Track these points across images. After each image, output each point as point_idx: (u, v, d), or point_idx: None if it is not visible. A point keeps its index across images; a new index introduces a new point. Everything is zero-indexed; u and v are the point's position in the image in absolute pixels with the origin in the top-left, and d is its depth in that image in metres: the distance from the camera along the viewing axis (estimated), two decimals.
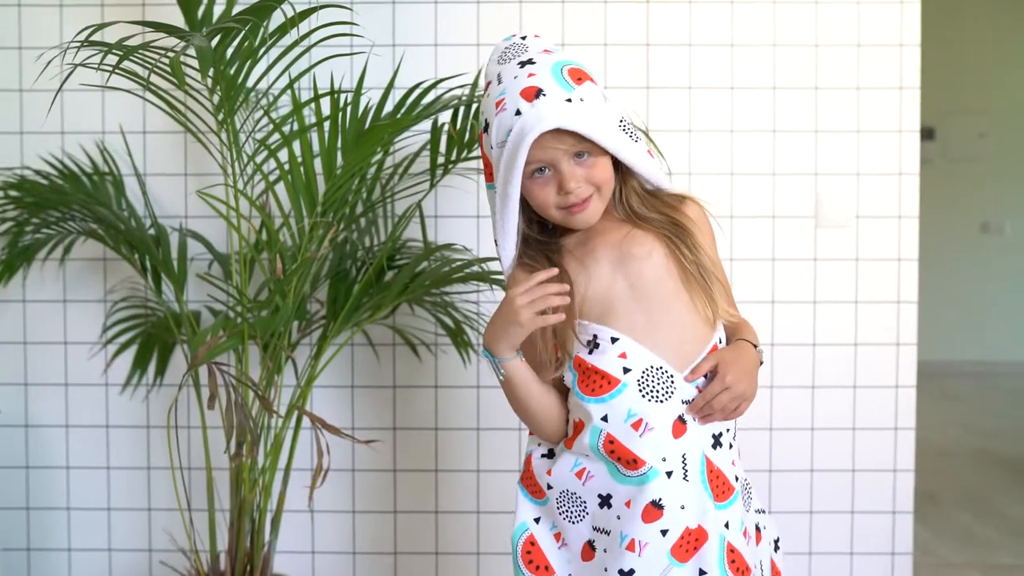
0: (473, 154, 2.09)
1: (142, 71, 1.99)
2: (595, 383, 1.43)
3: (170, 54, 1.62)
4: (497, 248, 1.50)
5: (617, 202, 1.50)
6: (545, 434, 1.52)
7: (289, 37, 1.91)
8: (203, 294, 2.42)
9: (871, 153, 2.47)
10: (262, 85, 2.22)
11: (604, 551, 1.44)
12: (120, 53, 1.59)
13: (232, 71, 1.90)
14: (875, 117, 2.47)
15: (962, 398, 5.74)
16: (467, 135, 2.05)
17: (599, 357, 1.43)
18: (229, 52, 1.84)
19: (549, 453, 1.53)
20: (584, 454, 1.46)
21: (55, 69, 2.21)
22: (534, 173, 1.42)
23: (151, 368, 2.45)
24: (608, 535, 1.44)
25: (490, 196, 1.49)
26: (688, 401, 1.43)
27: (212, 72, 1.85)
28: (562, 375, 1.48)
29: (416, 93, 2.00)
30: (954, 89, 6.24)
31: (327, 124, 1.93)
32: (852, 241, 2.48)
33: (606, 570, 1.43)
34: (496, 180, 1.44)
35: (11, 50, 2.46)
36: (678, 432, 1.42)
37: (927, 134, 6.17)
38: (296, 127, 1.97)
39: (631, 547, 1.41)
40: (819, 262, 2.49)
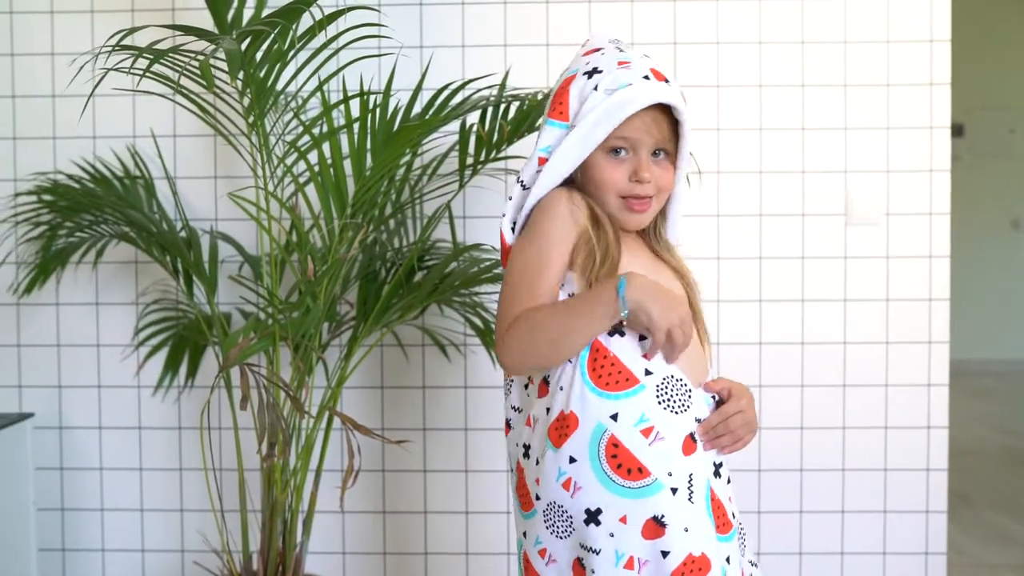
0: (502, 154, 2.10)
1: (173, 75, 2.01)
2: (610, 375, 1.34)
3: (200, 57, 1.63)
4: (519, 183, 1.45)
5: (651, 230, 1.50)
6: (557, 359, 1.38)
7: (318, 39, 1.92)
8: (233, 296, 2.44)
9: (901, 150, 2.45)
10: (291, 87, 2.24)
11: (592, 572, 1.34)
12: (151, 57, 1.60)
13: (262, 74, 1.91)
14: (905, 114, 2.45)
15: (994, 396, 5.68)
16: (495, 135, 2.05)
17: (621, 346, 1.36)
18: (259, 55, 1.85)
19: (526, 451, 1.42)
20: (572, 458, 1.34)
21: (87, 74, 2.24)
22: (612, 151, 1.40)
23: (183, 370, 2.47)
24: (598, 554, 1.33)
25: (546, 132, 1.43)
26: (700, 420, 1.38)
27: (242, 75, 1.87)
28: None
29: (445, 94, 2.01)
30: (983, 85, 6.18)
31: (356, 126, 1.94)
32: (883, 239, 2.46)
33: None
34: (581, 122, 1.38)
35: (44, 56, 2.49)
36: (688, 449, 1.35)
37: (956, 130, 6.12)
38: (325, 129, 1.98)
39: (629, 565, 1.32)
40: (849, 260, 2.47)
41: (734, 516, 1.41)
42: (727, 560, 1.37)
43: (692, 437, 1.36)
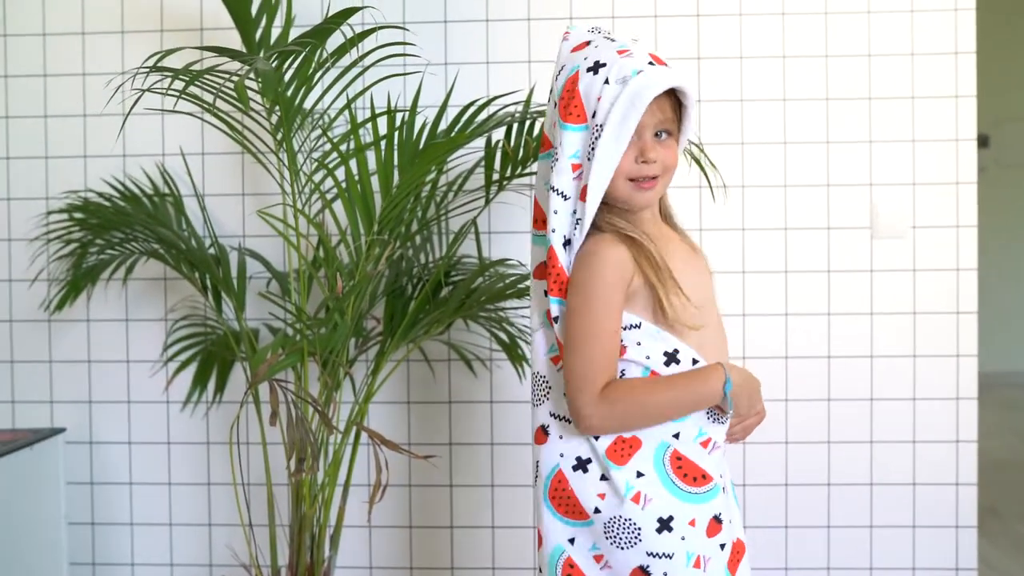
0: (527, 170, 2.11)
1: (204, 94, 2.03)
2: None
3: (234, 78, 1.66)
4: (555, 191, 1.43)
5: (661, 211, 1.55)
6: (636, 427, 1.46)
7: (346, 58, 1.94)
8: (261, 312, 2.46)
9: (927, 162, 2.45)
10: (319, 105, 2.26)
11: (664, 574, 1.41)
12: (186, 78, 1.62)
13: (290, 92, 1.93)
14: (931, 126, 2.44)
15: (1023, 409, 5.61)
16: (521, 151, 2.06)
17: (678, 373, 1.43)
18: (288, 74, 1.88)
19: (580, 465, 1.45)
20: (639, 472, 1.41)
21: (118, 94, 2.27)
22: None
23: (211, 385, 2.49)
24: (671, 559, 1.40)
25: (565, 137, 1.43)
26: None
27: (271, 94, 1.89)
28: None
29: (471, 111, 2.03)
30: (1009, 96, 6.13)
31: (383, 143, 1.96)
32: (909, 252, 2.46)
33: None
34: (608, 120, 1.39)
35: (75, 76, 2.53)
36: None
37: (982, 141, 6.07)
38: (353, 146, 2.00)
39: (697, 564, 1.42)
40: (876, 273, 2.47)
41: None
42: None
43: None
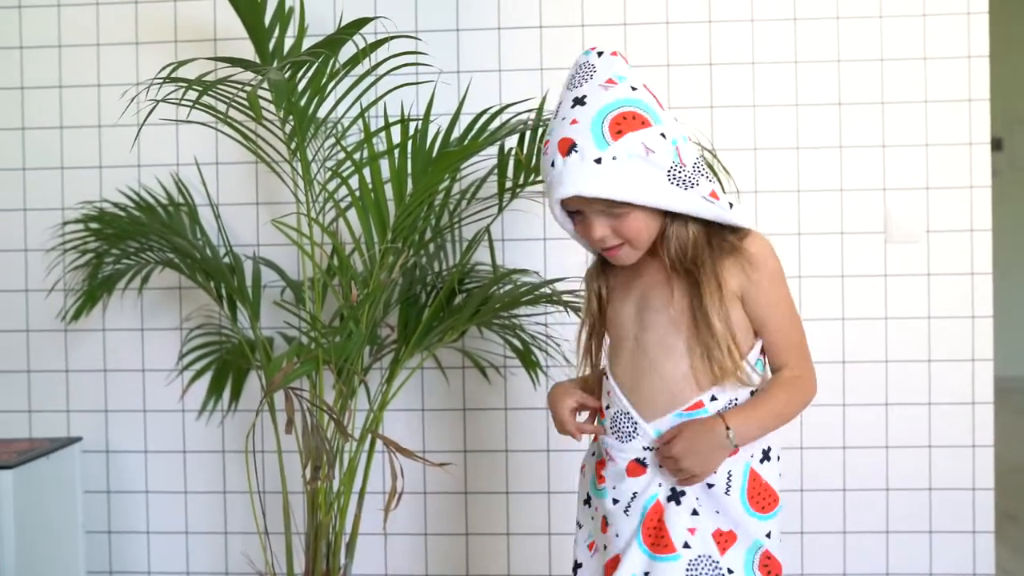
0: (540, 178, 2.11)
1: (218, 104, 2.04)
2: (604, 404, 1.59)
3: (247, 88, 1.67)
4: None
5: (660, 245, 1.47)
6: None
7: (359, 67, 1.95)
8: (275, 320, 2.47)
9: (940, 166, 2.44)
10: (333, 114, 2.27)
11: (575, 541, 1.65)
12: (200, 89, 1.63)
13: (303, 102, 1.94)
14: (944, 130, 2.44)
15: None
16: (534, 159, 2.07)
17: (604, 384, 1.58)
18: (301, 84, 1.89)
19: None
20: (592, 452, 1.63)
21: (133, 104, 2.28)
22: (572, 214, 1.47)
23: (226, 394, 2.50)
24: (581, 528, 1.64)
25: None
26: (648, 448, 1.49)
27: (284, 103, 1.90)
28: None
29: (484, 119, 2.03)
30: (1022, 99, 6.10)
31: (396, 151, 1.97)
32: (923, 256, 2.45)
33: (575, 557, 1.64)
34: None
35: (90, 88, 2.55)
36: (633, 472, 1.50)
37: (995, 144, 6.04)
38: (366, 155, 2.01)
39: (590, 547, 1.60)
40: (890, 278, 2.46)
41: (687, 546, 1.45)
42: (645, 574, 1.47)
43: (640, 461, 1.50)
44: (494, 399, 2.52)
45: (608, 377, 1.55)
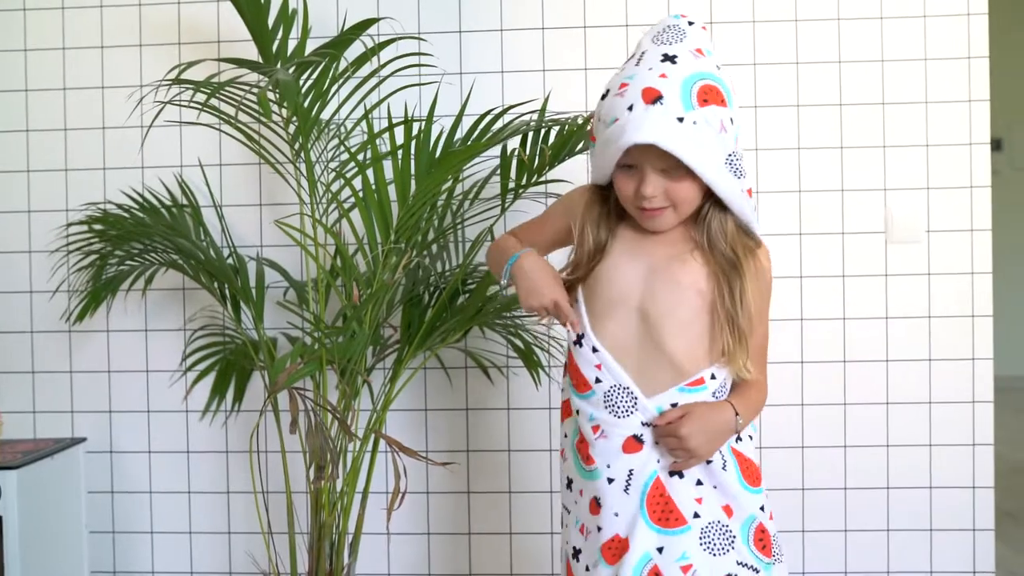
0: (543, 178, 2.12)
1: (222, 106, 2.05)
2: (576, 378, 1.54)
3: (254, 90, 1.68)
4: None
5: (698, 220, 1.51)
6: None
7: (363, 68, 1.96)
8: (278, 321, 2.48)
9: (941, 167, 2.45)
10: (337, 115, 2.28)
11: (564, 527, 1.63)
12: (208, 91, 1.64)
13: (307, 103, 1.95)
14: (944, 130, 2.45)
15: None
16: (536, 160, 2.08)
17: (579, 355, 1.53)
18: (306, 85, 1.89)
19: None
20: (564, 435, 1.60)
21: (136, 106, 2.29)
22: (623, 166, 1.46)
23: (229, 394, 2.51)
24: (569, 513, 1.61)
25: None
26: (647, 424, 1.48)
27: (291, 104, 1.91)
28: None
29: (487, 120, 2.04)
30: (1022, 99, 6.12)
31: (400, 152, 1.98)
32: (923, 256, 2.46)
33: (567, 542, 1.61)
34: (595, 149, 1.50)
35: (94, 90, 2.55)
36: (630, 448, 1.49)
37: (994, 144, 6.06)
38: (370, 155, 2.02)
39: (581, 531, 1.56)
40: (890, 277, 2.47)
41: (697, 516, 1.48)
42: (659, 550, 1.46)
43: (636, 438, 1.49)
44: (496, 399, 2.53)
45: (596, 348, 1.51)
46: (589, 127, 1.54)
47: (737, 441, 1.52)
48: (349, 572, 2.19)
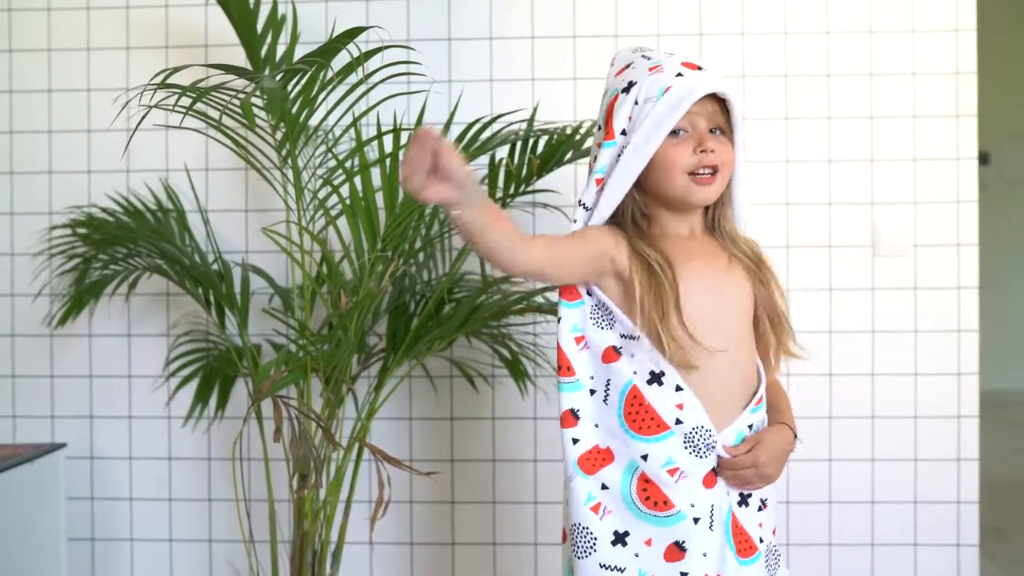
0: (531, 188, 2.11)
1: (209, 111, 2.04)
2: (643, 420, 1.42)
3: (240, 95, 1.66)
4: (581, 205, 1.48)
5: (713, 222, 1.53)
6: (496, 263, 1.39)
7: (352, 76, 1.94)
8: (263, 328, 2.46)
9: (928, 181, 2.46)
10: (325, 122, 2.27)
11: None
12: (193, 96, 1.63)
13: (295, 110, 1.94)
14: (931, 145, 2.45)
15: None
16: (525, 169, 2.07)
17: (657, 395, 1.42)
18: (294, 92, 1.88)
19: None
20: (603, 486, 1.44)
21: (122, 109, 2.28)
22: (672, 133, 1.43)
23: (212, 401, 2.49)
24: (622, 572, 1.42)
25: (600, 154, 1.47)
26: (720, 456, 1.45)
27: (277, 111, 1.90)
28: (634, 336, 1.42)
29: (475, 129, 2.03)
30: (1009, 113, 6.15)
31: (388, 160, 1.97)
32: (910, 270, 2.46)
33: None
34: (633, 136, 1.43)
35: (80, 92, 2.54)
36: (709, 483, 1.44)
37: (982, 159, 6.09)
38: (357, 163, 2.00)
39: None
40: (877, 291, 2.47)
41: (761, 540, 1.47)
42: None
43: (714, 471, 1.44)
44: (482, 408, 2.52)
45: (680, 386, 1.42)
46: (597, 129, 1.51)
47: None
48: None
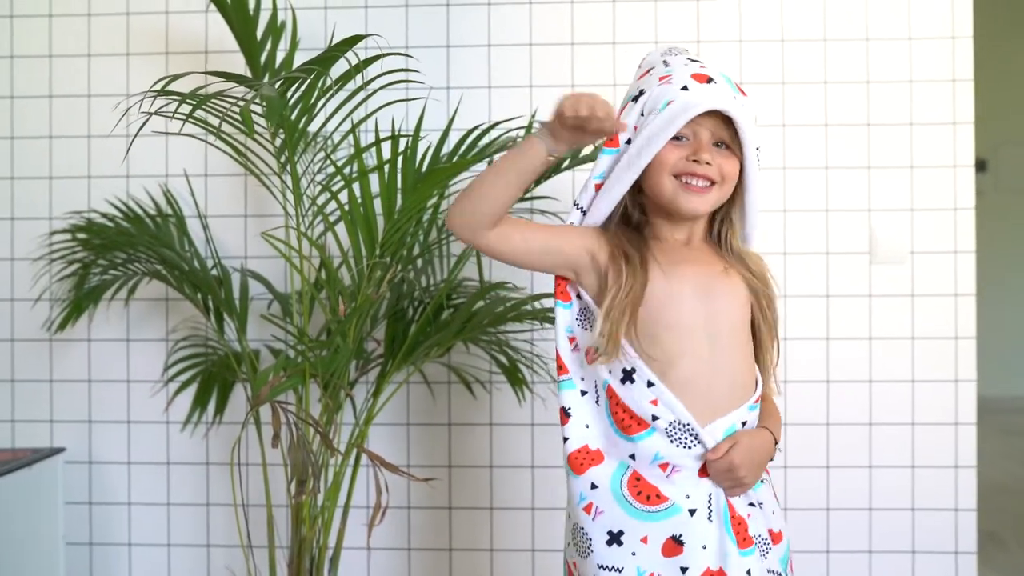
0: (528, 195, 2.12)
1: (209, 117, 2.05)
2: (623, 420, 1.45)
3: (240, 103, 1.67)
4: (576, 206, 1.52)
5: (716, 233, 1.54)
6: (479, 211, 1.42)
7: (350, 83, 1.95)
8: (262, 333, 2.47)
9: (925, 188, 2.46)
10: (324, 129, 2.27)
11: None
12: (193, 103, 1.64)
13: (294, 117, 1.95)
14: (928, 152, 2.46)
15: None
16: None
17: (630, 393, 1.44)
18: (293, 99, 1.89)
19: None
20: (592, 486, 1.45)
21: (122, 115, 2.29)
22: (674, 139, 1.45)
23: (211, 406, 2.49)
24: (620, 572, 1.42)
25: (600, 160, 1.51)
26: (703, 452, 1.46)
27: (276, 118, 1.91)
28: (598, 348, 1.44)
29: (473, 136, 2.04)
30: (1006, 120, 6.16)
31: (387, 167, 1.97)
32: (907, 277, 2.47)
33: None
34: (634, 143, 1.45)
35: (80, 98, 2.55)
36: (703, 473, 1.45)
37: (979, 166, 6.09)
38: (356, 170, 2.01)
39: None
40: (874, 298, 2.48)
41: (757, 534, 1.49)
42: (747, 572, 1.43)
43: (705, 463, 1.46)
44: (479, 415, 2.52)
45: (651, 382, 1.43)
46: (606, 141, 1.51)
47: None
48: None
